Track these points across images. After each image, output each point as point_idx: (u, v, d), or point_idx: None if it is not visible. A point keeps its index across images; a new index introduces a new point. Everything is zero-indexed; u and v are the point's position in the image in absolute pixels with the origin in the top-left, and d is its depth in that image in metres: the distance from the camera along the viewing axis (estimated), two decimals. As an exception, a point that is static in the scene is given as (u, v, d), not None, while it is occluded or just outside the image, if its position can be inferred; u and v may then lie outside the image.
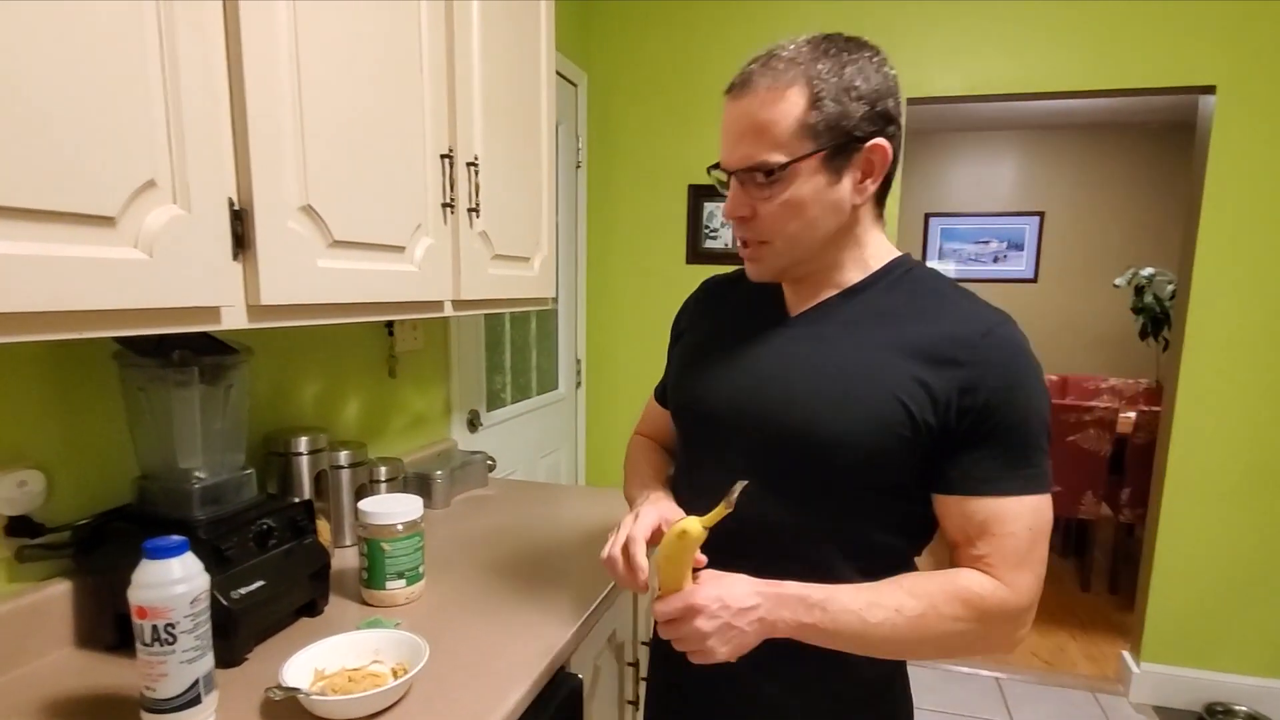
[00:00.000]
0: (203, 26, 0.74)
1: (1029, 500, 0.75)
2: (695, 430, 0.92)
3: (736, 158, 0.78)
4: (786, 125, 0.74)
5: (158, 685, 0.73)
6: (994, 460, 0.74)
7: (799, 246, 0.80)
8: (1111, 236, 5.11)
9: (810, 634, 0.75)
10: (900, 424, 0.74)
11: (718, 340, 0.92)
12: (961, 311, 0.78)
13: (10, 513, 0.90)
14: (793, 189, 0.76)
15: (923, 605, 0.74)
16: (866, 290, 0.83)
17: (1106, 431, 3.28)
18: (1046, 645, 2.96)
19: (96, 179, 0.65)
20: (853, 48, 0.77)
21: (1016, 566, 0.74)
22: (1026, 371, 0.76)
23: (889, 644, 0.75)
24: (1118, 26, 2.29)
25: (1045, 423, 0.77)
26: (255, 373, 1.27)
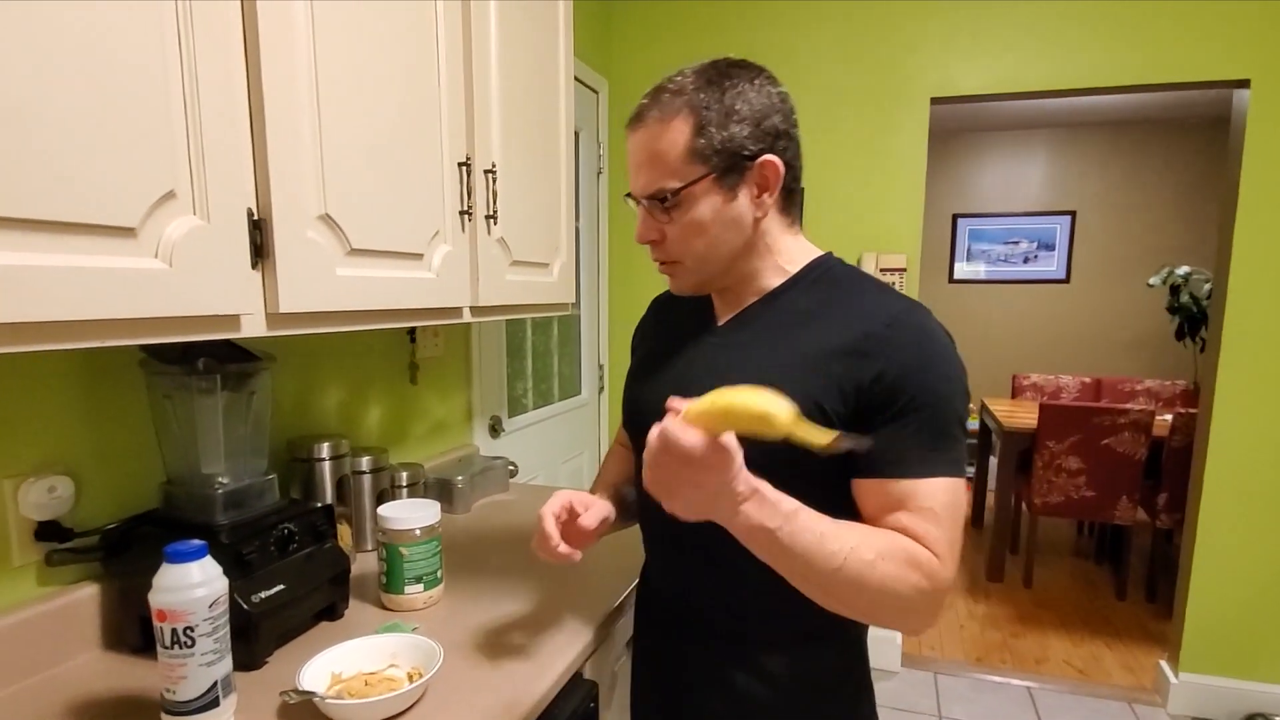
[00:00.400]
0: (222, 40, 0.76)
1: (942, 481, 0.75)
2: (638, 439, 0.96)
3: (639, 186, 0.84)
4: (676, 153, 0.79)
5: (177, 687, 0.74)
6: (906, 443, 0.76)
7: (708, 262, 0.85)
8: (1145, 235, 4.99)
9: (764, 540, 0.71)
10: (814, 417, 0.76)
11: (659, 352, 0.98)
12: (870, 304, 0.81)
13: (40, 518, 0.92)
14: (692, 211, 0.81)
15: (879, 546, 0.72)
16: (785, 293, 0.87)
17: (1142, 434, 3.20)
18: (1081, 654, 2.89)
19: (117, 191, 0.66)
20: (734, 72, 0.82)
21: (940, 541, 0.74)
22: (934, 356, 0.77)
23: (832, 579, 0.72)
24: (1148, 20, 2.25)
25: (956, 407, 0.78)
26: (279, 379, 1.29)
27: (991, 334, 5.43)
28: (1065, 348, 5.24)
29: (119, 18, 0.65)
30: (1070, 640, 3.00)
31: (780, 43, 2.59)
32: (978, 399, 5.46)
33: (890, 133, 2.53)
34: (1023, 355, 5.37)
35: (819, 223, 2.64)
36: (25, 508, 0.90)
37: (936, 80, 2.46)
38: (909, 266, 2.54)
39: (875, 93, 2.52)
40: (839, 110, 2.56)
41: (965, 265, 5.43)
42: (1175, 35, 2.23)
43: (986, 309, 5.42)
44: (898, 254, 2.54)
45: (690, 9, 2.67)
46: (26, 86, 0.58)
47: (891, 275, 2.54)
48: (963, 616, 3.23)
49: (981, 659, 2.85)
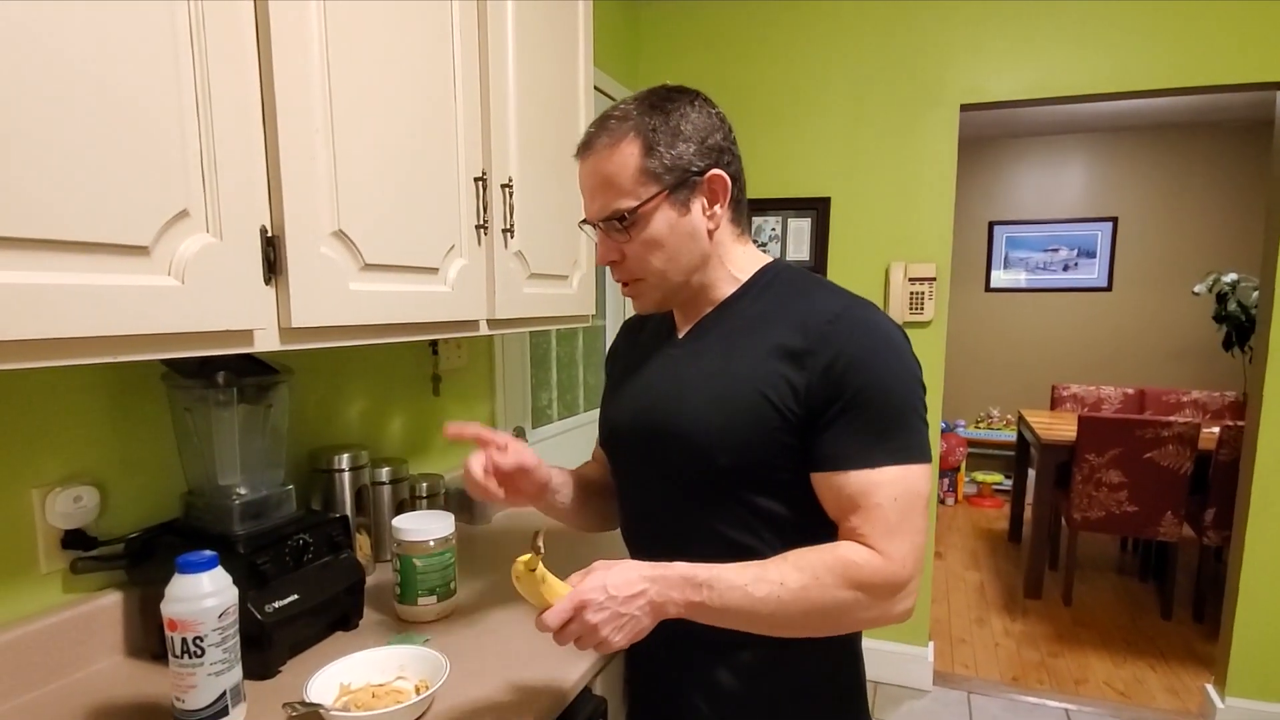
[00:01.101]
0: (236, 60, 0.78)
1: (891, 471, 0.78)
2: (613, 454, 1.01)
3: (594, 210, 0.88)
4: (629, 174, 0.83)
5: (187, 696, 0.75)
6: (854, 436, 0.79)
7: (668, 276, 0.88)
8: (1191, 241, 4.84)
9: (701, 612, 0.78)
10: (770, 418, 0.81)
11: (626, 372, 1.02)
12: (816, 303, 0.84)
13: (66, 527, 0.95)
14: (649, 228, 0.85)
15: (805, 577, 0.77)
16: (738, 301, 0.91)
17: (1187, 448, 3.09)
18: (1122, 675, 2.79)
19: (131, 211, 0.68)
20: (674, 96, 0.86)
21: (888, 535, 0.77)
22: (879, 348, 0.80)
23: (777, 618, 0.78)
24: (1190, 21, 2.18)
25: (905, 395, 0.80)
26: (303, 391, 1.32)
27: (1029, 344, 5.30)
28: (1106, 358, 5.10)
29: (133, 39, 0.67)
30: (1112, 661, 2.90)
31: (807, 52, 2.58)
32: (1014, 409, 5.34)
33: (919, 140, 2.49)
34: (1062, 365, 5.23)
35: (845, 232, 2.61)
36: (52, 516, 0.93)
37: (966, 86, 2.42)
38: (938, 276, 2.50)
39: (903, 100, 2.49)
40: (866, 118, 2.53)
41: (1002, 273, 5.32)
42: (1213, 36, 2.16)
43: (1024, 318, 5.30)
44: (926, 263, 2.50)
45: (716, 20, 2.67)
46: (42, 109, 0.61)
47: (920, 285, 2.50)
48: (998, 634, 3.14)
49: (1018, 679, 2.77)
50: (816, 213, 2.63)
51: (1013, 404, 5.39)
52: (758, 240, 2.72)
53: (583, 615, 0.75)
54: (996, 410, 5.39)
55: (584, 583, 0.77)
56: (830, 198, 2.61)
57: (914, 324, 2.55)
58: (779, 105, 2.63)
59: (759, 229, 2.72)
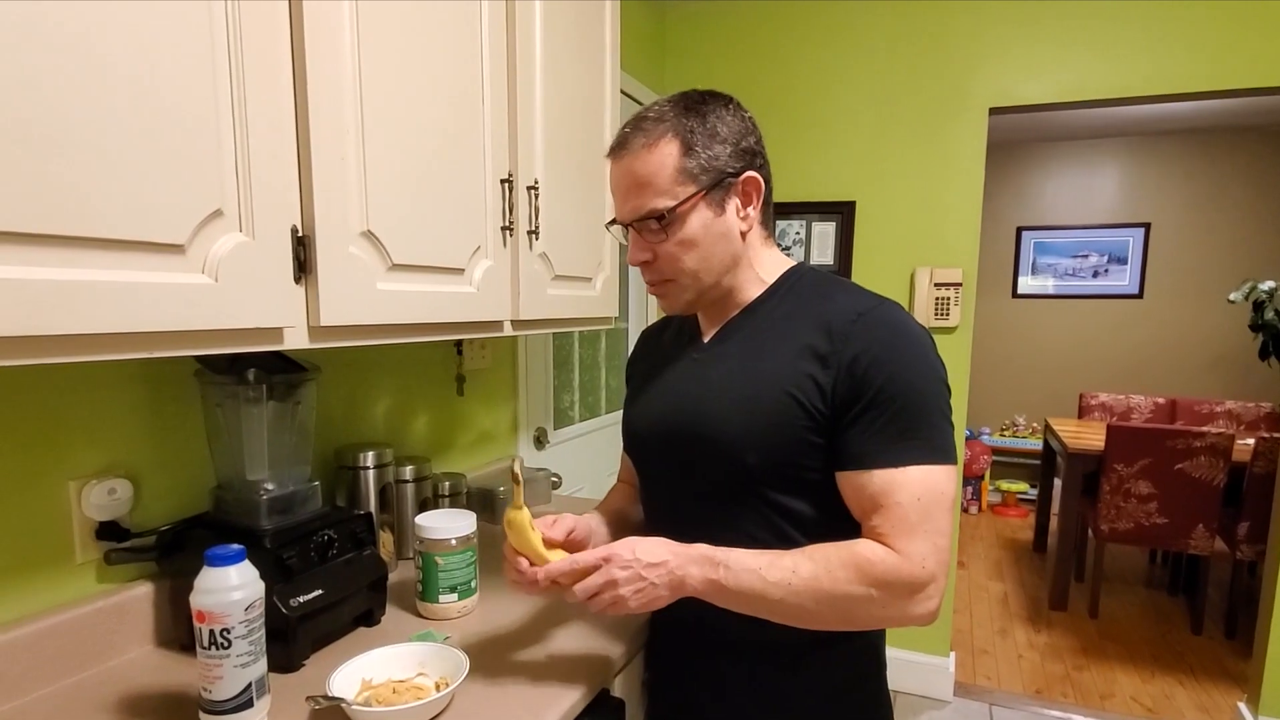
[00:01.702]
0: (271, 63, 0.79)
1: (914, 470, 0.78)
2: (638, 458, 1.02)
3: (628, 211, 0.88)
4: (667, 173, 0.84)
5: (213, 687, 0.77)
6: (877, 434, 0.79)
7: (701, 277, 0.89)
8: (1226, 248, 4.73)
9: (717, 591, 0.81)
10: (797, 417, 0.82)
11: (649, 377, 1.02)
12: (840, 304, 0.85)
13: (101, 518, 0.97)
14: (685, 228, 0.85)
15: (818, 568, 0.78)
16: (764, 304, 0.92)
17: (1220, 459, 3.02)
18: (1150, 691, 2.73)
19: (168, 210, 0.70)
20: (708, 99, 0.87)
21: (908, 535, 0.77)
22: (903, 346, 0.80)
23: (789, 605, 0.79)
24: (1227, 22, 2.14)
25: (930, 395, 0.80)
26: (330, 389, 1.34)
27: (1057, 351, 5.22)
28: (1137, 366, 5.01)
29: (172, 40, 0.69)
30: (1139, 675, 2.85)
31: (833, 55, 2.57)
32: (1041, 418, 5.26)
33: (946, 144, 2.47)
34: (1090, 373, 5.14)
35: (871, 237, 2.59)
36: (88, 508, 0.96)
37: (995, 90, 2.40)
38: (965, 281, 2.47)
39: (931, 104, 2.47)
40: (892, 121, 2.52)
41: (1030, 279, 5.25)
42: (1251, 38, 2.12)
43: (1052, 325, 5.22)
44: (953, 268, 2.47)
45: (742, 23, 2.67)
46: (86, 109, 0.62)
47: (946, 290, 2.47)
48: (1022, 646, 3.10)
49: (1041, 691, 2.73)
50: (841, 216, 2.62)
51: (1039, 412, 5.31)
52: (781, 244, 2.70)
53: (608, 568, 0.81)
54: (1022, 418, 5.31)
55: (616, 543, 0.83)
56: (855, 201, 2.59)
57: (939, 330, 2.53)
58: (804, 108, 2.62)
59: (783, 233, 2.71)
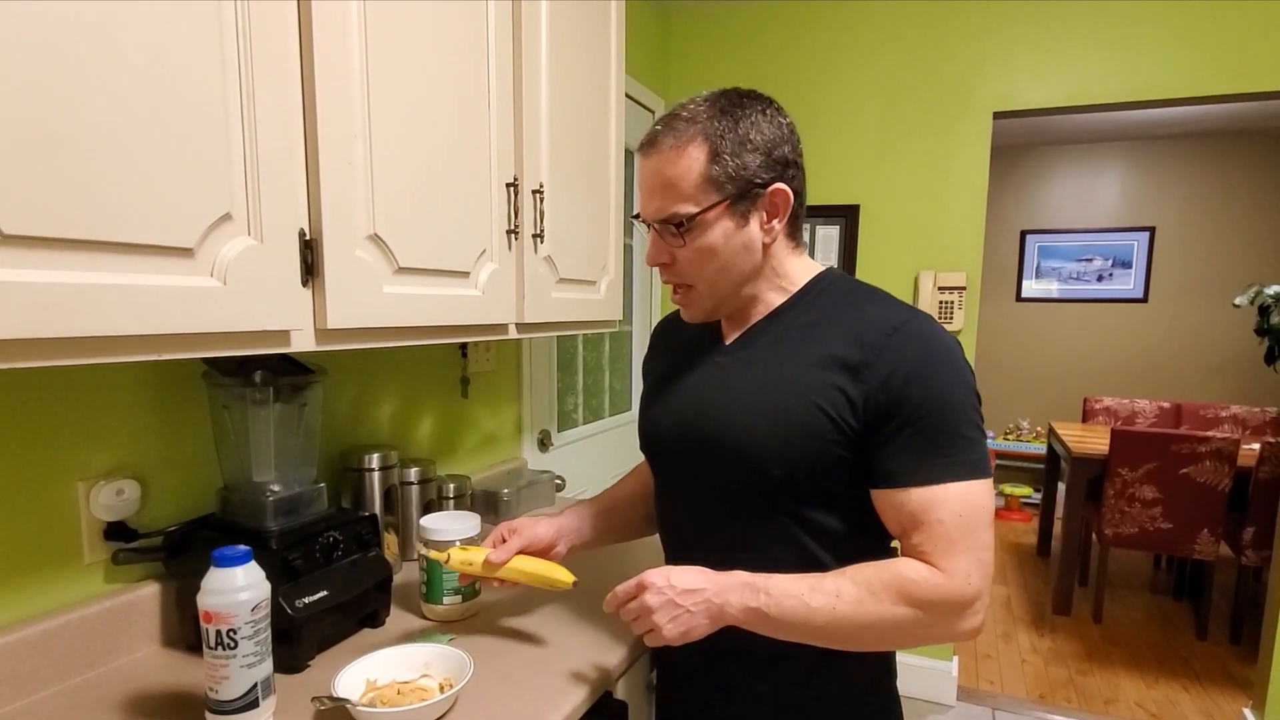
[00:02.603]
0: (280, 69, 0.80)
1: (954, 487, 0.77)
2: (655, 460, 1.00)
3: (651, 210, 0.86)
4: (691, 179, 0.81)
5: (219, 687, 0.77)
6: (914, 451, 0.77)
7: (719, 287, 0.87)
8: (1231, 252, 4.72)
9: (758, 619, 0.80)
10: (826, 430, 0.79)
11: (668, 376, 1.00)
12: (871, 315, 0.83)
13: (109, 519, 0.98)
14: (703, 236, 0.83)
15: (861, 591, 0.77)
16: (790, 310, 0.89)
17: (1226, 464, 3.02)
18: (1154, 696, 2.72)
19: (177, 214, 0.70)
20: (746, 103, 0.84)
21: (949, 552, 0.76)
22: (938, 361, 0.78)
23: (832, 630, 0.78)
24: (1232, 26, 2.14)
25: (965, 409, 0.78)
26: (336, 391, 1.35)
27: (1061, 355, 5.21)
28: (1142, 371, 5.00)
29: (182, 47, 0.70)
30: (1143, 681, 2.84)
31: (837, 59, 2.57)
32: (1045, 422, 5.25)
33: (950, 148, 2.47)
34: (1095, 378, 5.13)
35: (875, 241, 2.59)
36: (96, 509, 0.96)
37: (999, 94, 2.40)
38: (969, 285, 2.47)
39: (935, 107, 2.47)
40: (897, 126, 2.52)
41: (1034, 283, 5.24)
42: (1256, 42, 2.12)
43: (1056, 329, 5.21)
44: (957, 272, 2.47)
45: (749, 29, 2.67)
46: (95, 117, 0.63)
47: (950, 294, 2.47)
48: (1025, 651, 3.09)
49: (1044, 696, 2.72)
50: (845, 220, 2.62)
51: (1043, 416, 5.30)
52: (786, 247, 2.71)
53: (642, 596, 0.81)
54: (1026, 422, 5.30)
55: (650, 571, 0.83)
56: (859, 205, 2.59)
57: (943, 333, 2.52)
58: (809, 111, 2.62)
59: (787, 236, 2.71)
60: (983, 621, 0.78)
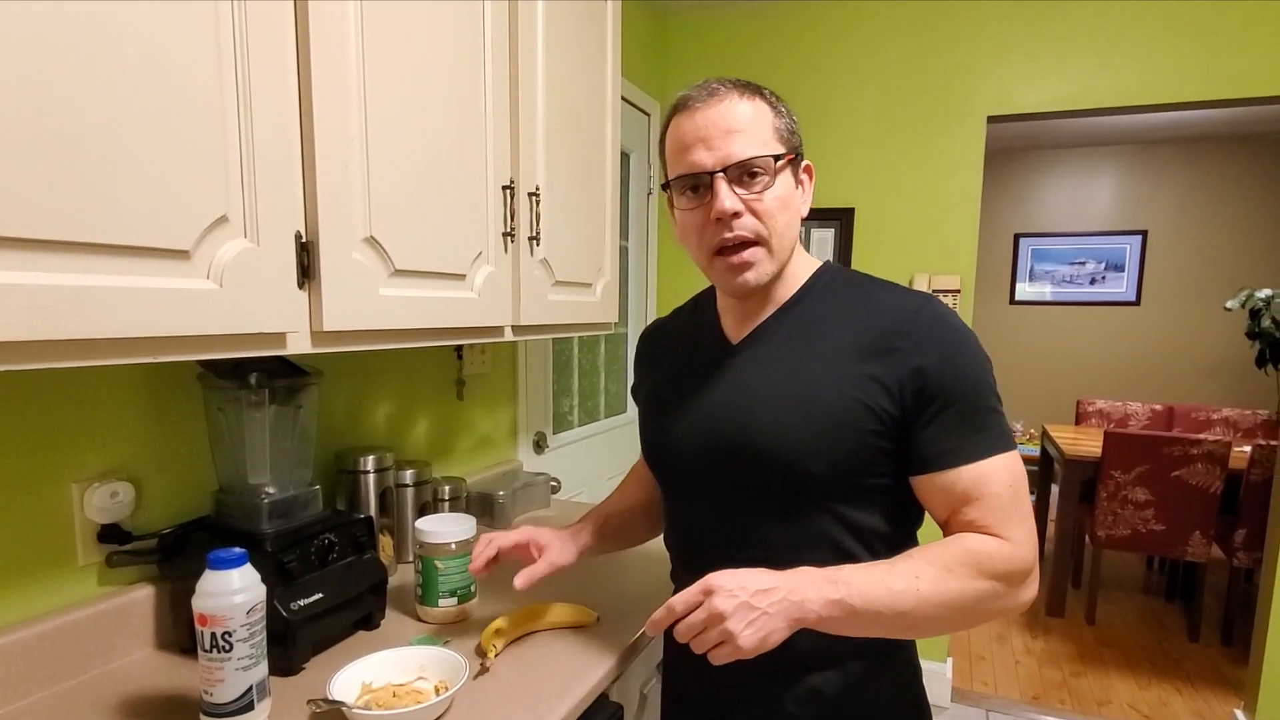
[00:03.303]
0: (277, 71, 0.80)
1: (999, 459, 0.78)
2: (667, 474, 0.94)
3: (722, 157, 0.80)
4: (765, 125, 0.81)
5: (214, 690, 0.77)
6: (956, 430, 0.77)
7: (784, 246, 0.84)
8: (1222, 255, 4.75)
9: (841, 614, 0.72)
10: (863, 420, 0.78)
11: (669, 383, 0.97)
12: (886, 301, 0.83)
13: (103, 521, 0.97)
14: (779, 185, 0.81)
15: (938, 570, 0.74)
16: (798, 304, 0.88)
17: (1217, 466, 3.03)
18: (1147, 698, 2.74)
19: (173, 216, 0.70)
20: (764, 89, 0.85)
21: (1008, 521, 0.76)
22: (962, 340, 0.79)
23: (918, 613, 0.74)
24: (1223, 32, 2.16)
25: (991, 383, 0.80)
26: (330, 393, 1.34)
27: (1054, 358, 5.23)
28: (1134, 373, 5.02)
29: (178, 48, 0.70)
30: (1136, 682, 2.85)
31: (832, 63, 2.58)
32: (1039, 424, 5.27)
33: (944, 152, 2.48)
34: (1088, 380, 5.16)
35: (870, 244, 2.60)
36: (90, 511, 0.96)
37: (993, 98, 2.41)
38: (963, 288, 2.48)
39: (929, 111, 2.49)
40: (891, 129, 2.53)
41: (1027, 286, 5.27)
42: (1247, 48, 2.13)
43: (1049, 331, 5.24)
44: (951, 275, 2.48)
45: (744, 33, 2.68)
46: (92, 119, 0.63)
47: (944, 297, 2.48)
48: (1019, 652, 3.10)
49: (1038, 698, 2.73)
50: (840, 223, 2.63)
51: (1036, 418, 5.32)
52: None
53: (711, 601, 0.70)
54: (1020, 424, 5.32)
55: (715, 574, 0.73)
56: (854, 208, 2.60)
57: (937, 336, 2.54)
58: (804, 115, 2.63)
59: (782, 239, 2.72)
60: (1036, 591, 0.78)
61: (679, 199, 0.84)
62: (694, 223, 0.83)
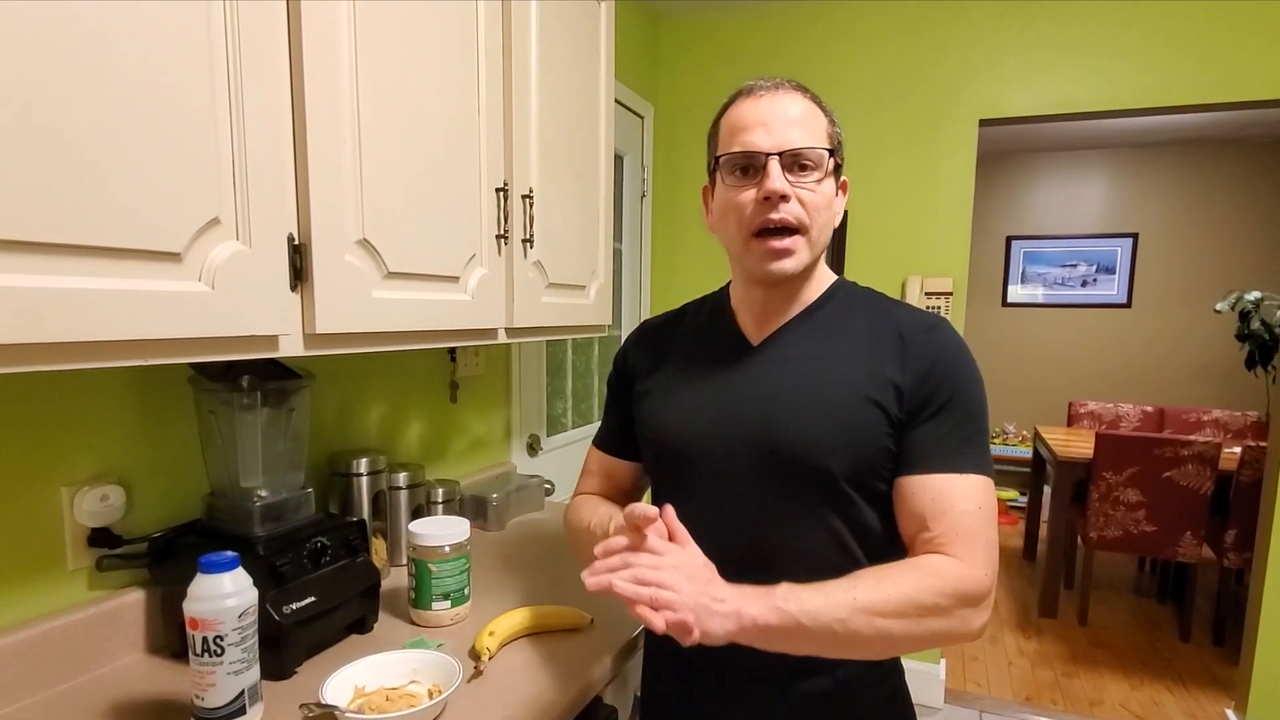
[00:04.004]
0: (269, 73, 0.80)
1: (974, 479, 0.79)
2: (681, 468, 0.92)
3: (783, 140, 0.82)
4: (821, 125, 0.85)
5: (206, 694, 0.77)
6: (947, 440, 0.80)
7: (820, 242, 0.87)
8: (1213, 258, 4.78)
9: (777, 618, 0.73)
10: (880, 423, 0.81)
11: (682, 379, 0.95)
12: (905, 317, 0.87)
13: (93, 525, 0.97)
14: (824, 184, 0.85)
15: (876, 580, 0.75)
16: (820, 310, 0.91)
17: (1208, 468, 3.05)
18: (1139, 698, 2.75)
19: (165, 218, 0.70)
20: None
21: (970, 543, 0.77)
22: (968, 361, 0.84)
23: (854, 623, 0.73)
24: (1212, 36, 2.18)
25: (985, 409, 0.84)
26: (323, 396, 1.34)
27: (1046, 359, 5.26)
28: (1125, 375, 5.05)
29: (170, 50, 0.69)
30: (1128, 683, 2.86)
31: (824, 66, 2.59)
32: (1031, 426, 5.29)
33: (937, 155, 2.49)
34: (1080, 382, 5.18)
35: (863, 246, 2.61)
36: (80, 514, 0.95)
37: (984, 101, 2.42)
38: (955, 290, 2.49)
39: (921, 115, 2.50)
40: (884, 133, 2.54)
41: (1019, 288, 5.29)
42: (1236, 52, 2.15)
43: (1041, 333, 5.26)
44: (943, 277, 2.49)
45: (736, 36, 2.69)
46: (83, 120, 0.63)
47: (937, 299, 2.49)
48: (1011, 653, 3.11)
49: (1031, 698, 2.74)
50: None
51: (1029, 420, 5.34)
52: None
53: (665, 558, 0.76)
54: (1012, 426, 5.34)
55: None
56: (847, 211, 2.61)
57: (930, 338, 2.54)
58: (797, 118, 2.64)
59: (775, 241, 2.72)
60: (988, 620, 0.78)
61: (727, 177, 0.86)
62: (739, 202, 0.84)
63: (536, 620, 1.10)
